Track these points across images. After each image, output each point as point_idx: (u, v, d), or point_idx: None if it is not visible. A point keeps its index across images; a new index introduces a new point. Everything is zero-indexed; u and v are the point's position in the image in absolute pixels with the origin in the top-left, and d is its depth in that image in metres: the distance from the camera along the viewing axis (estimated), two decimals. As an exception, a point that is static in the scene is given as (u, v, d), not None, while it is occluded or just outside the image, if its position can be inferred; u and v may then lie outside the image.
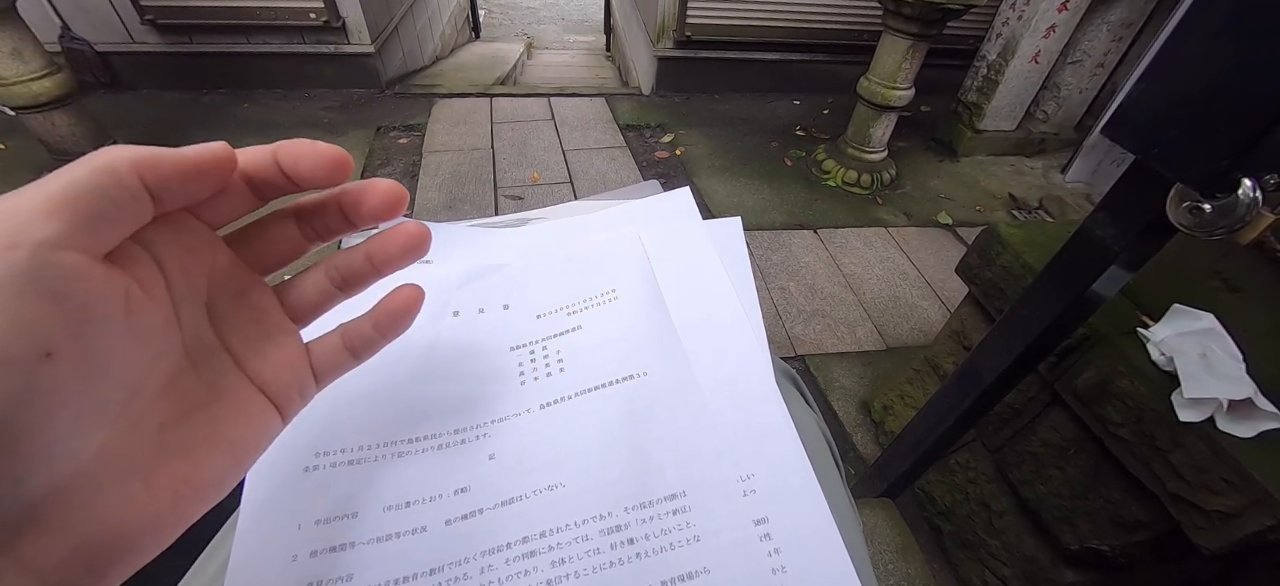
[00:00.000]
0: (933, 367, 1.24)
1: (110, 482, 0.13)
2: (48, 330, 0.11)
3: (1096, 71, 2.54)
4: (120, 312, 0.13)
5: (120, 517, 0.13)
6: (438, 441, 0.24)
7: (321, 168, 0.17)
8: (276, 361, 0.18)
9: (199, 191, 0.15)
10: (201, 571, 0.23)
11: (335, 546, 0.21)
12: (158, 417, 0.15)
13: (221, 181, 0.15)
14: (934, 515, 1.18)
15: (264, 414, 0.17)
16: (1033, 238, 0.96)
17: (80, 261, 0.12)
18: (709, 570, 0.20)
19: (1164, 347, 0.73)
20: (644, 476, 0.23)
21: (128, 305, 0.13)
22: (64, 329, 0.11)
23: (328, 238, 0.20)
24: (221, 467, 0.16)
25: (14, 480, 0.11)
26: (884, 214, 2.23)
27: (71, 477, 0.12)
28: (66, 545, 0.12)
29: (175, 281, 0.15)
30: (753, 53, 3.00)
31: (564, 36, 6.34)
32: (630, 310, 0.29)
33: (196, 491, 0.15)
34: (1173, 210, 0.49)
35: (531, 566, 0.20)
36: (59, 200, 0.12)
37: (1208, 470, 0.66)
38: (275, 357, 0.18)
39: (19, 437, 0.11)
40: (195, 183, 0.14)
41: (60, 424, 0.12)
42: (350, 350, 0.20)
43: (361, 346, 0.20)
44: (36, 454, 0.11)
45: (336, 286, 0.20)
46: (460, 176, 2.20)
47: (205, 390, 0.16)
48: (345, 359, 0.20)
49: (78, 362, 0.12)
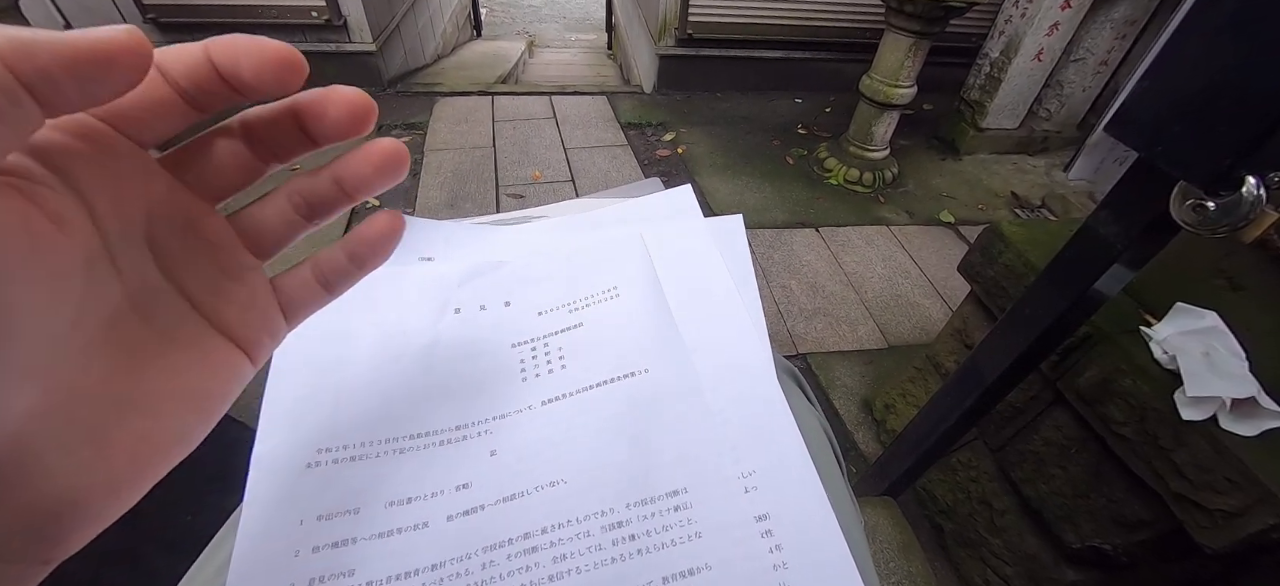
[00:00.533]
0: (934, 366, 1.24)
1: (51, 447, 0.12)
2: None
3: (1100, 69, 2.53)
4: (22, 249, 0.10)
5: (69, 483, 0.12)
6: (439, 438, 0.24)
7: (267, 68, 0.14)
8: (239, 301, 0.16)
9: (101, 88, 0.11)
10: (205, 566, 0.23)
11: (338, 542, 0.21)
12: (100, 372, 0.13)
13: (130, 76, 0.12)
14: (935, 513, 1.18)
15: (230, 360, 0.16)
16: (1035, 236, 0.96)
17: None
18: (710, 566, 0.20)
19: (1167, 346, 0.73)
20: (645, 473, 0.23)
21: (31, 240, 0.11)
22: None
23: (286, 158, 0.17)
24: (184, 422, 0.14)
25: None
26: (886, 212, 2.23)
27: (3, 445, 0.11)
28: (10, 517, 0.11)
29: (103, 214, 0.13)
30: (755, 51, 3.00)
31: (565, 35, 6.33)
32: (632, 308, 0.29)
33: (157, 449, 0.14)
34: (1176, 208, 0.49)
35: (533, 562, 0.20)
36: None
37: (1211, 469, 0.66)
38: (236, 296, 0.16)
39: None
40: (92, 77, 0.11)
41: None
42: (322, 283, 0.18)
43: (335, 278, 0.18)
44: None
45: (302, 214, 0.17)
46: (462, 175, 2.20)
47: (158, 338, 0.14)
48: (317, 293, 0.18)
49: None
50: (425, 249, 0.32)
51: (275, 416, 0.24)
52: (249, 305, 0.16)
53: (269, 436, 0.23)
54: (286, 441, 0.23)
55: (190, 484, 0.87)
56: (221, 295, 0.16)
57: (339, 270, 0.18)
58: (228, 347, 0.16)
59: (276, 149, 0.16)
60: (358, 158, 0.17)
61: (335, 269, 0.18)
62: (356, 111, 0.16)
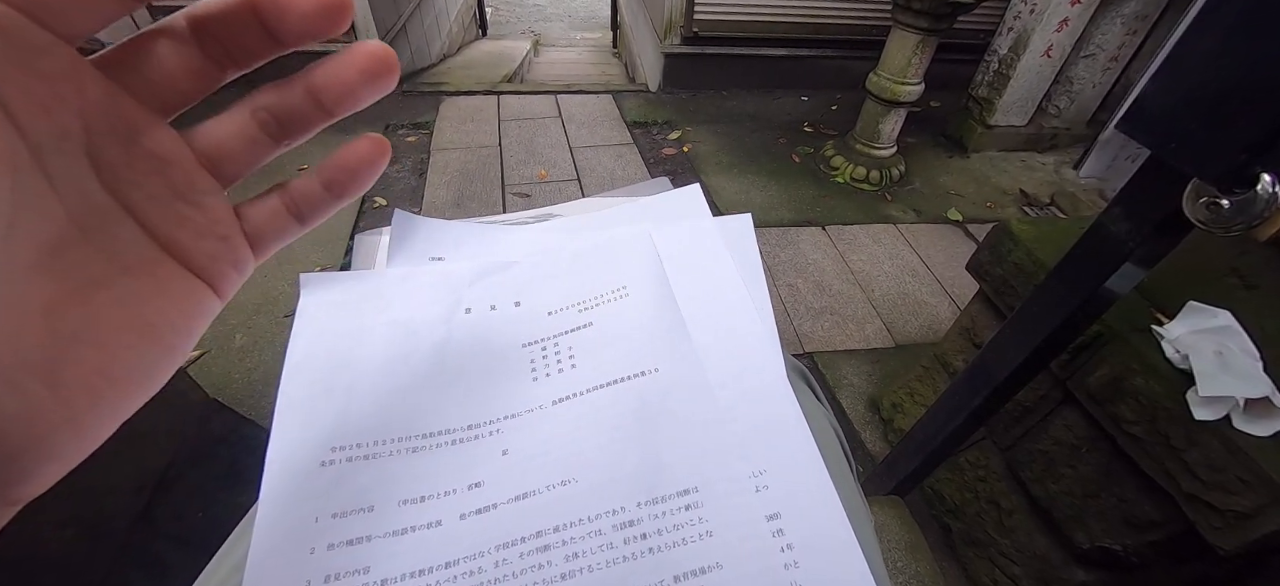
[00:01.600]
0: (942, 365, 1.23)
1: (1, 386, 0.11)
2: None
3: (1110, 65, 2.50)
4: None
5: (24, 422, 0.11)
6: (451, 437, 0.24)
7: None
8: (196, 226, 0.14)
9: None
10: (222, 563, 0.24)
11: (352, 540, 0.21)
12: (43, 300, 0.11)
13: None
14: (943, 513, 1.18)
15: (190, 290, 0.14)
16: (1045, 234, 0.95)
17: None
18: (722, 565, 0.20)
19: (1179, 345, 0.72)
20: (656, 472, 0.23)
21: None
22: None
23: (245, 64, 0.14)
24: (144, 355, 0.13)
25: None
26: (893, 210, 2.22)
27: None
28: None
29: (26, 120, 0.11)
30: (760, 49, 2.99)
31: (571, 34, 6.34)
32: (641, 307, 0.29)
33: (116, 384, 0.13)
34: (1189, 206, 0.48)
35: (545, 560, 0.20)
36: None
37: (1223, 469, 0.66)
38: (194, 222, 0.14)
39: None
40: None
41: None
42: (294, 213, 0.16)
43: (308, 209, 0.16)
44: None
45: (269, 133, 0.15)
46: (468, 174, 2.20)
47: (106, 263, 0.13)
48: (288, 224, 0.16)
49: None
50: (435, 249, 0.32)
51: (289, 414, 0.24)
52: (208, 232, 0.15)
53: (283, 434, 0.23)
54: (301, 439, 0.23)
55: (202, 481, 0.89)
56: (177, 220, 0.14)
57: (313, 199, 0.16)
58: (186, 277, 0.14)
59: (234, 51, 0.14)
60: (334, 62, 0.14)
61: (309, 198, 0.16)
62: (328, 4, 0.13)
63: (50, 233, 0.12)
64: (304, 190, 0.16)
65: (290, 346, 0.26)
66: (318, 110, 0.15)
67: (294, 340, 0.26)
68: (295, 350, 0.25)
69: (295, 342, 0.26)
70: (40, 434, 0.11)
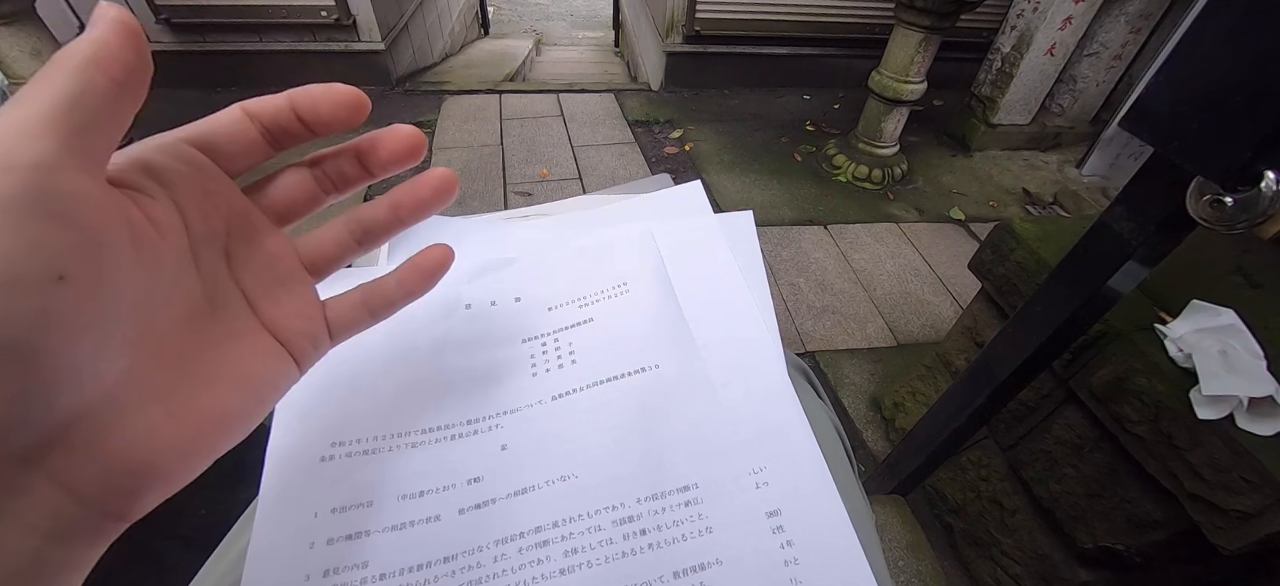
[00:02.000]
0: (944, 364, 1.23)
1: (134, 408, 0.13)
2: (57, 252, 0.11)
3: (1114, 64, 2.49)
4: (127, 239, 0.13)
5: (146, 442, 0.13)
6: (451, 432, 0.24)
7: (340, 108, 0.17)
8: (289, 309, 0.18)
9: (148, 66, 0.14)
10: (222, 557, 0.24)
11: (351, 534, 0.21)
12: (177, 351, 0.15)
13: (144, 46, 0.14)
14: (945, 512, 1.18)
15: (279, 359, 0.18)
16: (1047, 233, 0.95)
17: (79, 181, 0.12)
18: (721, 561, 0.20)
19: (1182, 344, 0.72)
20: (656, 468, 0.23)
21: (134, 233, 0.13)
22: (73, 252, 0.11)
23: (344, 188, 0.20)
24: (241, 403, 0.16)
25: (42, 400, 0.11)
26: (895, 209, 2.21)
27: (98, 400, 0.13)
28: (97, 465, 0.13)
29: (193, 222, 0.16)
30: (762, 47, 2.98)
31: (573, 33, 6.34)
32: (642, 303, 0.29)
33: (218, 423, 0.15)
34: (1193, 204, 0.48)
35: (544, 555, 0.20)
36: (43, 118, 0.11)
37: (1227, 469, 0.65)
38: (288, 305, 0.18)
39: (42, 358, 0.11)
40: (141, 56, 0.14)
41: (83, 347, 0.12)
42: (369, 309, 0.20)
43: (381, 305, 0.21)
44: (63, 375, 0.11)
45: (356, 239, 0.20)
46: (470, 173, 2.21)
47: (222, 331, 0.16)
48: (362, 316, 0.20)
49: (92, 287, 0.12)
50: None
51: (290, 409, 0.24)
52: (298, 314, 0.19)
53: (284, 429, 0.23)
54: (301, 434, 0.23)
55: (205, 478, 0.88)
56: (276, 302, 0.18)
57: (387, 298, 0.21)
58: (277, 349, 0.18)
59: (336, 179, 0.19)
60: (416, 187, 0.20)
61: (383, 297, 0.21)
62: (408, 144, 0.19)
63: (192, 302, 0.16)
64: (381, 291, 0.21)
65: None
66: (396, 221, 0.20)
67: None
68: None
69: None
70: (155, 455, 0.14)
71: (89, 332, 0.12)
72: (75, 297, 0.11)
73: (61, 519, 0.12)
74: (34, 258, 0.11)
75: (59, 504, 0.12)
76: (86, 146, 0.12)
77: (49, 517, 0.12)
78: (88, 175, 0.12)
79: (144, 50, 0.14)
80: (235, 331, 0.17)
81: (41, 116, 0.11)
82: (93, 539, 0.13)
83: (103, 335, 0.12)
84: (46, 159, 0.11)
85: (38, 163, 0.11)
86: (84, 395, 0.12)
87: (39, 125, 0.11)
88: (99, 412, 0.13)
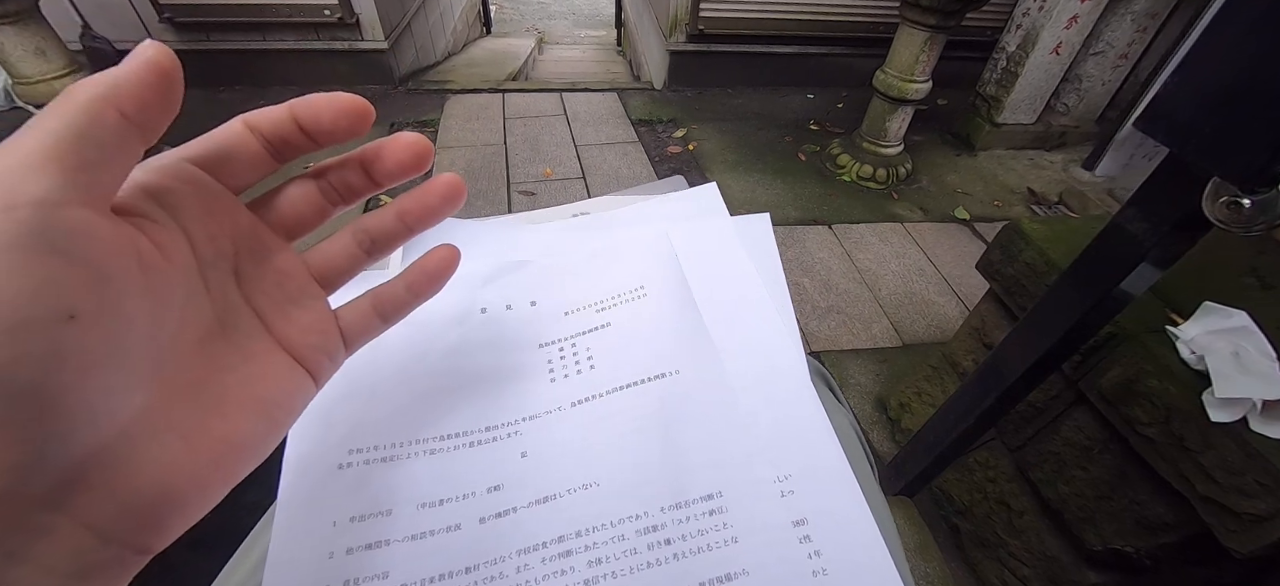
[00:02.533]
0: (951, 365, 1.22)
1: (152, 440, 0.13)
2: (66, 291, 0.11)
3: (1119, 63, 2.48)
4: (135, 270, 0.13)
5: (164, 475, 0.13)
6: (469, 439, 0.24)
7: (343, 117, 0.17)
8: (303, 325, 0.18)
9: (170, 102, 0.14)
10: (239, 566, 0.23)
11: (370, 543, 0.21)
12: (190, 378, 0.14)
13: (178, 81, 0.14)
14: (952, 514, 1.17)
15: (295, 377, 0.17)
16: (1056, 233, 0.94)
17: (84, 217, 0.12)
18: (748, 572, 0.20)
19: (1194, 346, 0.72)
20: (679, 476, 0.22)
21: (141, 263, 0.13)
22: (81, 289, 0.11)
23: (351, 199, 0.19)
24: (258, 428, 0.16)
25: (58, 440, 0.11)
26: (900, 209, 2.21)
27: (115, 437, 0.12)
28: (116, 501, 0.12)
29: (200, 244, 0.15)
30: (766, 46, 2.97)
31: (575, 31, 6.33)
32: (660, 307, 0.29)
33: (235, 451, 0.15)
34: (1209, 206, 0.47)
35: (568, 566, 0.20)
36: (46, 152, 0.11)
37: (1240, 472, 0.65)
38: (302, 321, 0.18)
39: (57, 399, 0.11)
40: (162, 95, 0.13)
41: (97, 384, 0.12)
42: (380, 314, 0.20)
43: (392, 309, 0.20)
44: (78, 414, 0.11)
45: (364, 250, 0.20)
46: (473, 172, 2.20)
47: (236, 353, 0.16)
48: (374, 322, 0.20)
49: (102, 322, 0.11)
50: None
51: (307, 417, 0.23)
52: (312, 329, 0.18)
53: (301, 437, 0.23)
54: (318, 442, 0.23)
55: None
56: (289, 319, 0.18)
57: (397, 302, 0.20)
58: (293, 366, 0.17)
59: (343, 190, 0.19)
60: (423, 194, 0.19)
61: (393, 302, 0.20)
62: (414, 153, 0.18)
63: (204, 326, 0.15)
64: (390, 295, 0.20)
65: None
66: (403, 229, 0.20)
67: None
68: None
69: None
70: (174, 486, 0.13)
71: (102, 369, 0.12)
72: (86, 335, 0.11)
73: (84, 557, 0.12)
74: (42, 298, 0.10)
75: (81, 542, 0.12)
76: (92, 181, 0.12)
77: (71, 557, 0.12)
78: (92, 209, 0.12)
79: (167, 88, 0.13)
80: (249, 352, 0.16)
81: (45, 150, 0.11)
82: (117, 573, 0.13)
83: (116, 370, 0.12)
84: (50, 195, 0.11)
85: (41, 199, 0.11)
86: (101, 432, 0.12)
87: (42, 159, 0.11)
88: (116, 448, 0.12)
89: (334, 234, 0.20)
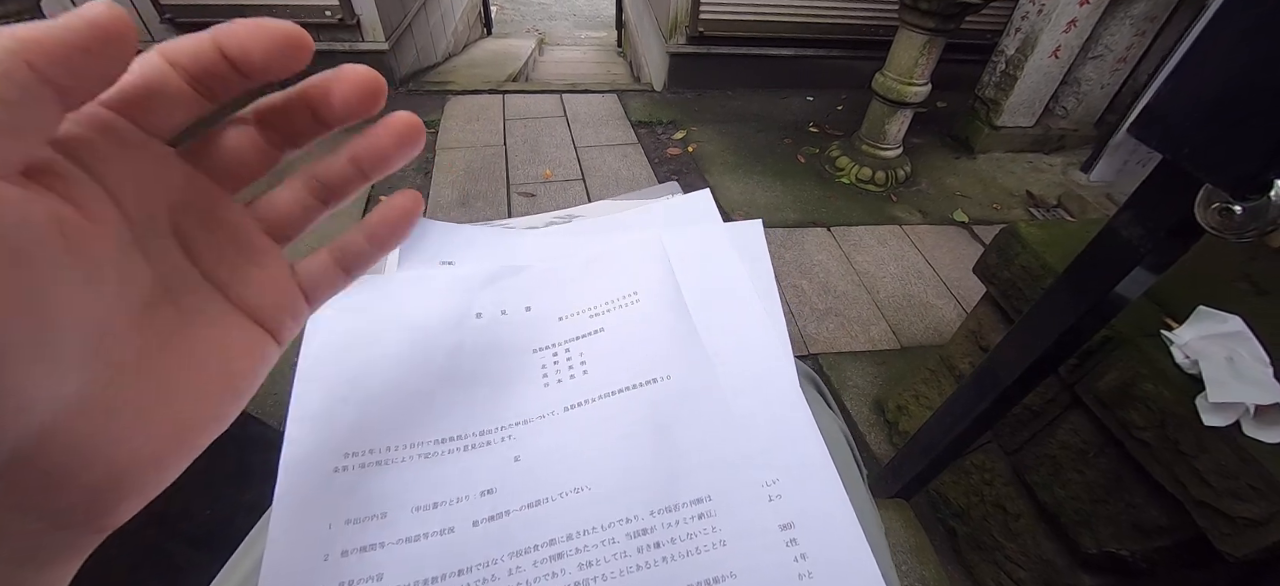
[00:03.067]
0: (948, 368, 1.23)
1: (99, 423, 0.12)
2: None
3: (1118, 66, 2.48)
4: (56, 243, 0.11)
5: (117, 456, 0.12)
6: (464, 443, 0.24)
7: (274, 47, 0.14)
8: (259, 283, 0.17)
9: (106, 66, 0.12)
10: (236, 568, 0.24)
11: (365, 546, 0.21)
12: (137, 353, 0.13)
13: (124, 47, 0.12)
14: (949, 516, 1.17)
15: (255, 339, 0.16)
16: (1053, 237, 0.95)
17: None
18: (735, 575, 0.20)
19: (1189, 350, 0.72)
20: (669, 480, 0.23)
21: (63, 233, 0.11)
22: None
23: (299, 143, 0.17)
24: (217, 399, 0.15)
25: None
26: (899, 212, 2.21)
27: (57, 423, 0.11)
28: (67, 487, 0.12)
29: (129, 205, 0.13)
30: (766, 48, 2.98)
31: (575, 33, 6.34)
32: (652, 313, 0.29)
33: (193, 424, 0.14)
34: (1201, 212, 0.48)
35: (559, 568, 0.20)
36: None
37: (1234, 476, 0.65)
38: (257, 279, 0.17)
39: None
40: (96, 56, 0.11)
41: (23, 372, 0.10)
42: (341, 266, 0.19)
43: (353, 261, 0.19)
44: (11, 406, 0.10)
45: (318, 197, 0.18)
46: (473, 173, 2.21)
47: (188, 320, 0.15)
48: (336, 275, 0.19)
49: (20, 304, 0.10)
50: (446, 253, 0.32)
51: (303, 420, 0.24)
52: (270, 287, 0.17)
53: (297, 440, 0.23)
54: (314, 445, 0.23)
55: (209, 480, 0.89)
56: (244, 279, 0.16)
57: (358, 253, 0.19)
58: (253, 328, 0.16)
59: (290, 135, 0.17)
60: (373, 135, 0.17)
61: (353, 253, 0.19)
62: (365, 89, 0.16)
63: (144, 294, 0.14)
64: (351, 246, 0.19)
65: (303, 351, 0.26)
66: (358, 175, 0.18)
67: (306, 344, 0.26)
68: (308, 355, 0.26)
69: (307, 347, 0.26)
70: (128, 467, 0.13)
71: (32, 355, 0.10)
72: (8, 322, 0.10)
73: (36, 543, 0.12)
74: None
75: (31, 530, 0.11)
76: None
77: (24, 547, 0.11)
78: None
79: (103, 48, 0.11)
80: (205, 320, 0.15)
81: None
82: (70, 554, 0.13)
83: (49, 354, 0.11)
84: None
85: None
86: (40, 419, 0.11)
87: None
88: (61, 434, 0.12)
89: (283, 182, 0.18)
